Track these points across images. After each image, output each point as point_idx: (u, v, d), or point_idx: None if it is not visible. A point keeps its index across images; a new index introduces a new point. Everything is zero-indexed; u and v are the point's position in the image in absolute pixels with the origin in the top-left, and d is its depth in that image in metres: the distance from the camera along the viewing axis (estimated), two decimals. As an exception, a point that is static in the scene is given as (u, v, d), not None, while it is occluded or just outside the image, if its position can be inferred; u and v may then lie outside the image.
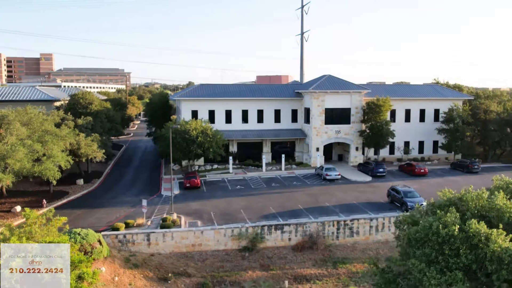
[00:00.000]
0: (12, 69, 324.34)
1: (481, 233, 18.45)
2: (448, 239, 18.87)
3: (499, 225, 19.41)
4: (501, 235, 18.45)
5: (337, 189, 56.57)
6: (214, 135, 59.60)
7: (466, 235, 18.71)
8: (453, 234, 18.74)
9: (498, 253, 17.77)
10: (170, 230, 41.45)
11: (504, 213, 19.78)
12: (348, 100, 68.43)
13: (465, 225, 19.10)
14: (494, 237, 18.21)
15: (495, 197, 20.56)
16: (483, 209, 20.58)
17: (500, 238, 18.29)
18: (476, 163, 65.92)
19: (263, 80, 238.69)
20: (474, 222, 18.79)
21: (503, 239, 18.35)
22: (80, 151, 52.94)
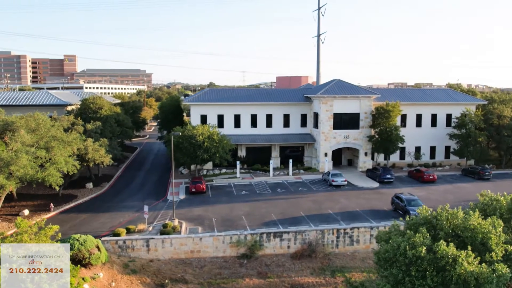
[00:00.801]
0: (37, 70, 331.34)
1: (448, 255, 18.18)
2: (415, 260, 18.68)
3: (472, 245, 19.08)
4: (469, 257, 18.16)
5: (342, 195, 56.23)
6: (220, 140, 59.87)
7: (434, 257, 18.47)
8: (420, 256, 18.53)
9: (464, 276, 17.51)
10: (169, 236, 41.90)
11: (478, 234, 19.44)
12: (357, 105, 67.91)
13: (435, 246, 18.85)
14: (461, 260, 17.93)
15: (469, 216, 20.21)
16: (458, 228, 20.26)
17: (468, 260, 18.00)
18: (488, 170, 64.64)
19: (282, 81, 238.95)
20: (443, 243, 18.54)
21: (471, 261, 18.05)
22: (87, 156, 53.80)
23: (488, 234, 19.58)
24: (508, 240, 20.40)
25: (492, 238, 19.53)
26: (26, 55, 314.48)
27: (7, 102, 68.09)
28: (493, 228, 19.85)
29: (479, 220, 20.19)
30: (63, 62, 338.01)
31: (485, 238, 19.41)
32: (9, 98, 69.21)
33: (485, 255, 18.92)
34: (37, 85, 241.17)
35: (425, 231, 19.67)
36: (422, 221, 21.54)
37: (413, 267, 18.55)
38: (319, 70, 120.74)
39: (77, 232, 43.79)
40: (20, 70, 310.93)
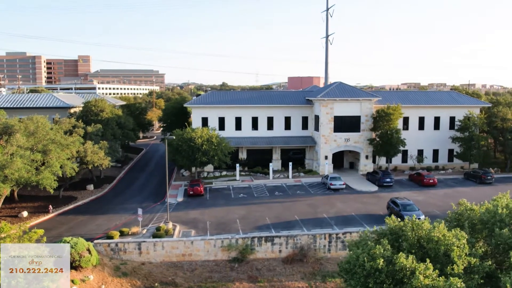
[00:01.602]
0: (52, 70, 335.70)
1: (406, 268, 18.08)
2: (374, 272, 18.61)
3: (435, 257, 18.95)
4: (427, 270, 18.03)
5: (339, 199, 56.07)
6: (219, 142, 60.11)
7: (393, 269, 18.40)
8: (378, 268, 18.45)
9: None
10: (161, 239, 42.27)
11: (441, 245, 19.29)
12: (358, 108, 67.60)
13: (394, 258, 18.77)
14: (417, 273, 17.82)
15: (433, 228, 20.06)
16: (423, 239, 20.12)
17: (426, 273, 17.88)
18: (490, 174, 63.82)
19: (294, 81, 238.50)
20: (402, 255, 18.45)
21: (429, 274, 17.92)
22: (86, 159, 54.47)
23: (451, 246, 19.42)
24: (473, 253, 20.19)
25: (454, 250, 19.36)
26: (41, 56, 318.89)
27: (12, 104, 69.22)
28: (457, 240, 19.69)
29: (444, 231, 20.02)
30: (77, 62, 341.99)
31: (448, 250, 19.26)
32: (14, 100, 70.35)
33: (447, 267, 18.77)
34: (51, 85, 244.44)
35: (387, 242, 19.57)
36: (388, 231, 21.46)
37: (371, 279, 18.50)
38: (328, 71, 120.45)
39: (73, 234, 44.55)
40: (35, 71, 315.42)
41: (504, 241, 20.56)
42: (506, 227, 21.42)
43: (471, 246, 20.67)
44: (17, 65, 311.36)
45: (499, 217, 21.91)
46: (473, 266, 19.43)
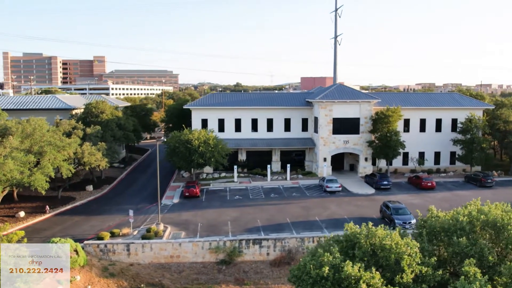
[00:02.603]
0: (67, 71, 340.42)
1: (352, 276, 18.03)
2: (320, 280, 18.60)
3: (387, 265, 18.85)
4: (373, 278, 17.95)
5: (334, 202, 55.87)
6: (216, 144, 60.36)
7: (339, 277, 18.37)
8: (323, 276, 18.43)
9: (363, 298, 17.36)
10: (149, 241, 42.69)
11: (392, 254, 19.18)
12: (357, 110, 67.26)
13: (341, 266, 18.72)
14: (362, 281, 17.76)
15: (386, 236, 19.95)
16: (376, 247, 20.03)
17: (371, 281, 17.80)
18: (490, 177, 62.92)
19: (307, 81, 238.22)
20: (349, 264, 18.39)
21: (374, 283, 17.84)
22: (83, 160, 55.23)
23: (402, 254, 19.29)
24: (425, 261, 19.98)
25: (405, 258, 19.22)
26: (57, 57, 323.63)
27: (16, 106, 70.51)
28: (409, 248, 19.55)
29: (397, 239, 19.89)
30: (93, 63, 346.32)
31: (399, 259, 19.13)
32: (18, 102, 71.66)
33: (397, 276, 18.65)
34: (65, 86, 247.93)
35: (336, 250, 19.54)
36: (344, 238, 21.41)
37: (317, 287, 18.50)
38: (336, 71, 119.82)
39: (66, 235, 45.30)
40: (51, 71, 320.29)
41: (461, 249, 20.35)
42: (465, 235, 21.20)
43: (428, 255, 20.50)
44: (33, 65, 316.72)
45: (460, 225, 21.69)
46: (425, 275, 19.27)
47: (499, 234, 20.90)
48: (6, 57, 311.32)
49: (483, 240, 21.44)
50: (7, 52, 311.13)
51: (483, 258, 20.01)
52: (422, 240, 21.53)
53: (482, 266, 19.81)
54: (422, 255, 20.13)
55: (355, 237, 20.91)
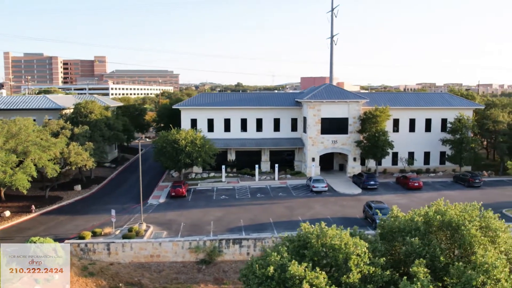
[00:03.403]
0: (68, 71, 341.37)
1: (296, 276, 18.09)
2: (265, 280, 18.67)
3: (336, 265, 18.91)
4: (316, 278, 18.00)
5: (319, 202, 55.91)
6: (203, 144, 60.50)
7: (284, 277, 18.44)
8: (268, 275, 18.51)
9: (305, 297, 17.42)
10: (129, 240, 42.86)
11: (340, 253, 19.24)
12: (345, 110, 67.26)
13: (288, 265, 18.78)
14: (305, 281, 17.82)
15: (335, 236, 20.01)
16: (326, 247, 20.09)
17: (315, 281, 17.87)
18: (478, 177, 62.81)
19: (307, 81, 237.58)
20: (294, 264, 18.46)
21: (317, 283, 17.90)
22: (69, 160, 55.44)
23: (350, 254, 19.34)
24: (374, 261, 20.01)
25: (352, 258, 19.28)
26: (58, 57, 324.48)
27: (7, 106, 70.83)
28: (357, 248, 19.59)
29: (347, 239, 19.93)
30: (94, 63, 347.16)
31: (347, 259, 19.17)
32: (9, 102, 71.97)
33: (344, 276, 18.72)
34: (65, 86, 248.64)
35: (285, 250, 19.61)
36: (297, 238, 21.47)
37: (263, 286, 18.59)
38: (332, 71, 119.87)
39: (49, 234, 45.51)
40: (52, 71, 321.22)
41: (414, 249, 20.37)
42: (421, 236, 21.22)
43: (380, 255, 20.53)
44: (34, 65, 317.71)
45: (415, 225, 21.71)
46: (373, 275, 19.30)
47: (454, 234, 20.90)
48: (7, 57, 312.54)
49: (440, 240, 21.48)
50: (8, 52, 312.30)
51: (435, 258, 20.04)
52: (375, 240, 21.57)
53: (434, 266, 19.85)
54: (373, 255, 20.18)
55: (307, 237, 20.97)
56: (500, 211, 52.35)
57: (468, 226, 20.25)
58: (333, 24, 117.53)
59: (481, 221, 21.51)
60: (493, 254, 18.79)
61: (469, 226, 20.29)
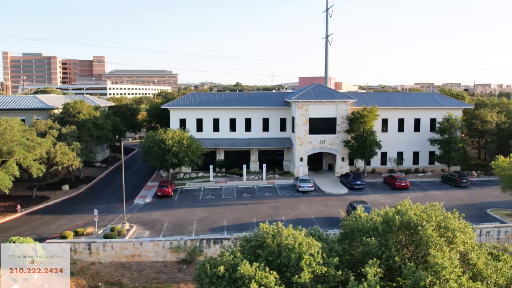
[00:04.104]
0: (67, 71, 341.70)
1: (245, 276, 18.18)
2: (216, 280, 18.76)
3: (290, 265, 18.97)
4: (266, 278, 18.07)
5: (305, 201, 55.96)
6: (189, 144, 60.57)
7: (235, 276, 18.53)
8: (219, 275, 18.60)
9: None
10: (110, 240, 42.93)
11: (292, 253, 19.31)
12: (333, 110, 67.30)
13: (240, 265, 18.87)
14: (253, 281, 17.89)
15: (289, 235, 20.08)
16: (281, 247, 20.15)
17: (263, 281, 17.94)
18: (465, 177, 62.82)
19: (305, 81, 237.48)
20: (245, 263, 18.53)
21: (266, 282, 17.97)
22: (55, 160, 55.56)
23: (303, 254, 19.39)
24: (328, 261, 20.05)
25: (304, 258, 19.33)
26: (56, 57, 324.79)
27: (-4, 106, 70.88)
28: (310, 248, 19.64)
29: (301, 239, 19.98)
30: (92, 63, 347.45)
31: (300, 258, 19.21)
32: (-2, 102, 72.06)
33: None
34: (62, 86, 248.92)
35: (238, 249, 19.67)
36: (254, 237, 21.52)
37: (213, 286, 18.67)
38: (327, 71, 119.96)
39: (32, 234, 45.68)
40: (51, 71, 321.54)
41: (370, 249, 20.41)
42: (379, 236, 21.26)
43: (336, 255, 20.57)
44: (33, 65, 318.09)
45: (374, 225, 21.76)
46: (326, 275, 19.34)
47: (413, 235, 20.95)
48: (6, 57, 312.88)
49: (400, 241, 21.54)
50: (7, 52, 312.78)
51: (391, 258, 20.08)
52: (333, 240, 21.65)
53: (390, 266, 19.90)
54: (329, 255, 20.22)
55: (263, 237, 21.03)
56: (485, 211, 52.51)
57: (425, 226, 20.30)
58: (328, 24, 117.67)
59: (439, 222, 21.54)
60: (444, 255, 18.83)
61: (426, 226, 20.34)
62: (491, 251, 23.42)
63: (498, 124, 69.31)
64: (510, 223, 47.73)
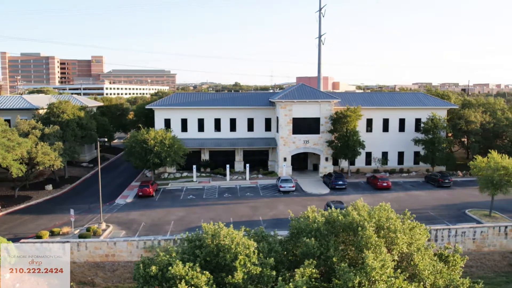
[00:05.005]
0: (66, 71, 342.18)
1: (176, 276, 18.35)
2: (149, 280, 18.92)
3: (227, 265, 19.10)
4: (196, 278, 18.20)
5: (284, 201, 56.04)
6: (172, 144, 60.68)
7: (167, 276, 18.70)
8: (151, 275, 18.77)
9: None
10: (84, 240, 43.09)
11: (228, 254, 19.44)
12: (317, 110, 67.33)
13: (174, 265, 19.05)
14: (183, 281, 18.05)
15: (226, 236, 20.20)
16: (219, 247, 20.27)
17: (193, 281, 18.08)
18: (448, 177, 62.83)
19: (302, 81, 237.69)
20: (178, 264, 18.67)
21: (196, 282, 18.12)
22: (36, 159, 55.70)
23: (237, 254, 19.50)
24: (264, 262, 20.13)
25: (239, 258, 19.42)
26: (55, 57, 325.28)
27: (-19, 106, 71.05)
28: (246, 248, 19.74)
29: (238, 239, 20.07)
30: (91, 63, 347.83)
31: (234, 259, 19.32)
32: (-17, 102, 72.20)
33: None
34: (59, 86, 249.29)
35: (173, 249, 19.80)
36: (195, 237, 21.65)
37: (147, 285, 18.82)
38: (320, 71, 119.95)
39: (8, 233, 45.91)
40: (49, 71, 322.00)
41: (309, 250, 20.50)
42: (320, 237, 21.34)
43: (275, 256, 20.66)
44: (31, 65, 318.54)
45: (316, 226, 21.85)
46: (261, 276, 19.43)
47: (355, 236, 21.03)
48: (4, 57, 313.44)
49: (344, 241, 21.63)
50: (5, 52, 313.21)
51: (329, 259, 20.18)
52: (274, 241, 21.74)
53: (328, 267, 19.99)
54: (268, 255, 20.30)
55: (203, 237, 21.15)
56: (463, 211, 52.54)
57: (366, 227, 20.36)
58: (321, 24, 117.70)
59: (382, 223, 21.60)
60: (378, 256, 18.89)
61: (367, 227, 20.42)
62: (441, 252, 23.49)
63: (483, 124, 69.27)
64: (487, 223, 47.72)
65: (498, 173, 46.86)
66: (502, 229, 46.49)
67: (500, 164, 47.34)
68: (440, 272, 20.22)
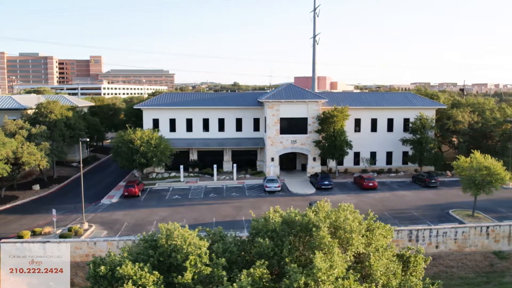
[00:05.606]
0: (64, 71, 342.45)
1: (125, 276, 18.47)
2: (99, 279, 19.03)
3: (179, 265, 19.18)
4: (143, 278, 18.31)
5: (269, 202, 55.90)
6: (158, 144, 60.76)
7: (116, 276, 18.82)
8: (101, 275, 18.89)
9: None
10: (64, 240, 43.17)
11: (179, 254, 19.55)
12: (304, 110, 67.37)
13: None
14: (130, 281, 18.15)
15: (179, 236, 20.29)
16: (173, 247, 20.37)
17: (141, 281, 18.19)
18: (434, 177, 62.85)
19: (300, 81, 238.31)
20: (127, 263, 18.76)
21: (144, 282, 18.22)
22: (21, 160, 55.81)
23: (188, 255, 19.58)
24: (216, 262, 20.20)
25: (190, 259, 19.50)
26: (53, 57, 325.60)
27: (-30, 106, 71.23)
28: (197, 249, 19.83)
29: (190, 239, 20.17)
30: (89, 63, 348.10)
31: (185, 259, 19.42)
32: (-28, 102, 72.40)
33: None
34: (57, 86, 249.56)
35: (125, 250, 19.93)
36: (149, 238, 21.77)
37: (97, 285, 18.94)
38: (315, 71, 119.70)
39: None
40: (47, 71, 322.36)
41: (263, 251, 20.57)
42: (276, 237, 21.40)
43: (229, 256, 20.74)
44: (29, 65, 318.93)
45: (272, 226, 21.92)
46: (213, 276, 19.51)
47: (310, 236, 21.08)
48: (2, 57, 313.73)
49: (301, 242, 21.68)
50: (3, 52, 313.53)
51: (282, 260, 20.25)
52: (231, 241, 21.81)
53: (281, 268, 20.04)
54: (222, 256, 20.38)
55: (158, 237, 21.24)
56: (447, 211, 52.54)
57: (320, 227, 20.41)
58: (315, 24, 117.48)
59: (339, 224, 21.64)
60: (327, 257, 18.95)
61: (321, 227, 20.47)
62: (403, 253, 23.54)
63: (471, 124, 69.26)
64: (469, 223, 47.75)
65: (480, 173, 46.88)
66: (483, 229, 46.53)
67: (482, 164, 47.39)
68: (394, 273, 20.27)
